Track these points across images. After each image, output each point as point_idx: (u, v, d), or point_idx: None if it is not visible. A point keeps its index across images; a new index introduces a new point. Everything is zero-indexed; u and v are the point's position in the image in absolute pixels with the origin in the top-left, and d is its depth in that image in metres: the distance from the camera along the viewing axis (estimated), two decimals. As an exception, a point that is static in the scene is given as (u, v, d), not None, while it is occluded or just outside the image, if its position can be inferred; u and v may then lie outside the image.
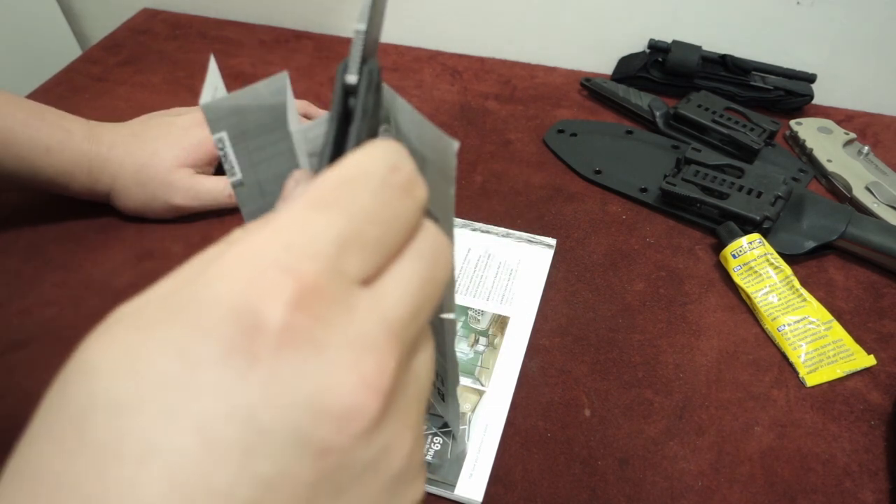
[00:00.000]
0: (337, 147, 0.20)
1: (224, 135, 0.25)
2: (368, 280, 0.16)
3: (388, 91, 0.24)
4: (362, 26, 0.21)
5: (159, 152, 0.49)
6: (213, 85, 0.25)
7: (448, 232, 0.22)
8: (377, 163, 0.16)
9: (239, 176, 0.27)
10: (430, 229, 0.18)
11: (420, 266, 0.17)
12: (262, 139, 0.27)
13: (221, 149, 0.26)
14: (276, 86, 0.25)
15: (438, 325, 0.30)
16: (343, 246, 0.15)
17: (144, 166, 0.48)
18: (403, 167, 0.17)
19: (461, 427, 0.39)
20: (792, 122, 0.59)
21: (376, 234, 0.16)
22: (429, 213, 0.22)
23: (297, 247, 0.14)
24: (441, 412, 0.39)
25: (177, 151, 0.49)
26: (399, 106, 0.23)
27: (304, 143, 0.23)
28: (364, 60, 0.21)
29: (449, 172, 0.22)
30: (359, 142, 0.20)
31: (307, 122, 0.23)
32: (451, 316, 0.28)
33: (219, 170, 0.53)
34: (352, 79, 0.20)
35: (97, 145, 0.48)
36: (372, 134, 0.21)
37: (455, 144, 0.21)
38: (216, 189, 0.51)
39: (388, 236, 0.16)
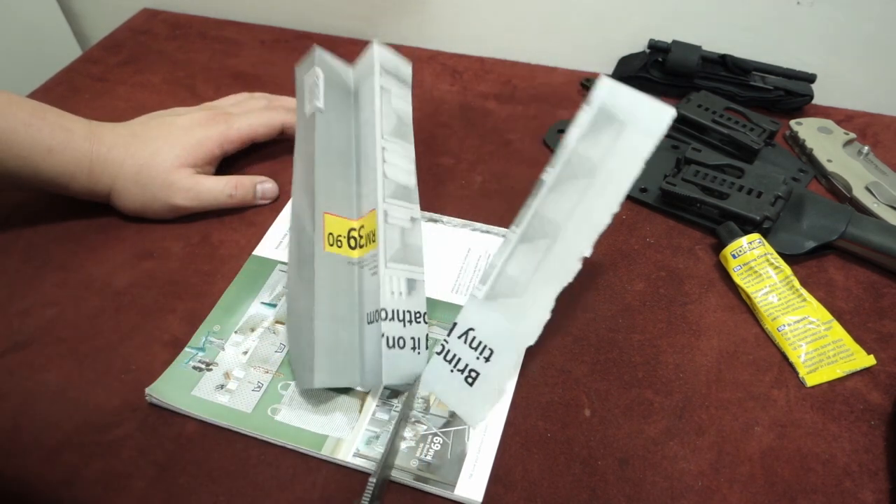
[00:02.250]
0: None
1: (321, 72, 0.42)
2: None
3: None
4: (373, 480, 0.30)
5: (160, 152, 0.48)
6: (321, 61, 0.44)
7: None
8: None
9: (322, 105, 0.41)
10: None
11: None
12: (336, 95, 0.43)
13: (318, 84, 0.41)
14: (346, 70, 0.45)
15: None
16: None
17: (145, 167, 0.48)
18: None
19: (462, 427, 0.39)
20: (792, 122, 0.59)
21: None
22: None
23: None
24: (459, 405, 0.39)
25: (178, 151, 0.49)
26: None
27: (379, 53, 0.44)
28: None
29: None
30: None
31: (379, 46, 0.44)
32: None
33: (219, 170, 0.53)
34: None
35: (98, 145, 0.47)
36: None
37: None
38: (216, 189, 0.50)
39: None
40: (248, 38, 0.74)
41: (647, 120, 0.37)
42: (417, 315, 0.40)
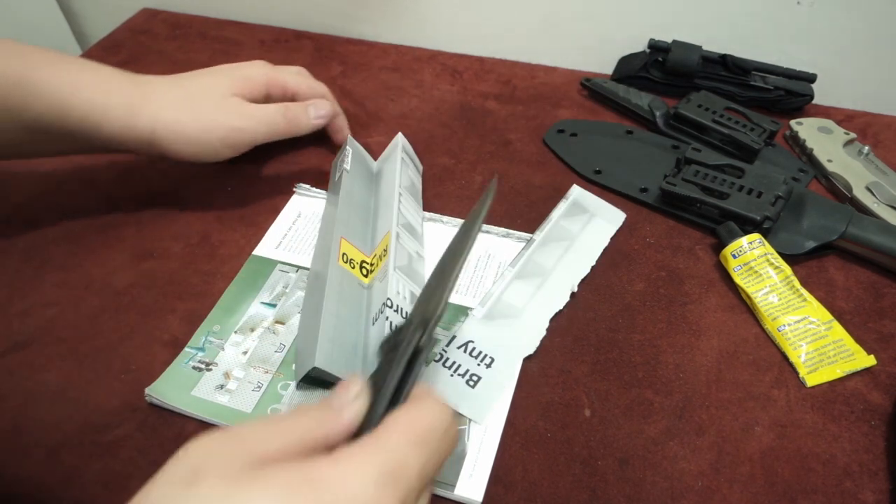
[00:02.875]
0: (400, 383, 0.27)
1: (350, 149, 0.51)
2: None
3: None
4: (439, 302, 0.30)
5: (209, 80, 0.47)
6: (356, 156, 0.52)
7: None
8: (445, 420, 0.25)
9: (349, 169, 0.49)
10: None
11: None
12: (361, 172, 0.51)
13: (348, 154, 0.50)
14: (370, 164, 0.54)
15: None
16: (423, 472, 0.23)
17: (195, 92, 0.46)
18: (454, 426, 0.26)
19: (462, 427, 0.39)
20: (792, 122, 0.59)
21: (439, 461, 0.24)
22: None
23: (404, 470, 0.22)
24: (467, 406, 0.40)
25: (227, 82, 0.47)
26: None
27: (403, 144, 0.54)
28: (426, 324, 0.29)
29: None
30: (414, 378, 0.28)
31: (401, 138, 0.52)
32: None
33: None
34: (422, 343, 0.29)
35: (135, 78, 0.44)
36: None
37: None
38: (270, 110, 0.48)
39: (436, 470, 0.24)
40: (248, 38, 0.74)
41: (609, 214, 0.52)
42: (420, 322, 0.41)
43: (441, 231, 0.50)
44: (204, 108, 0.45)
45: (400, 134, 0.54)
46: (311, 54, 0.72)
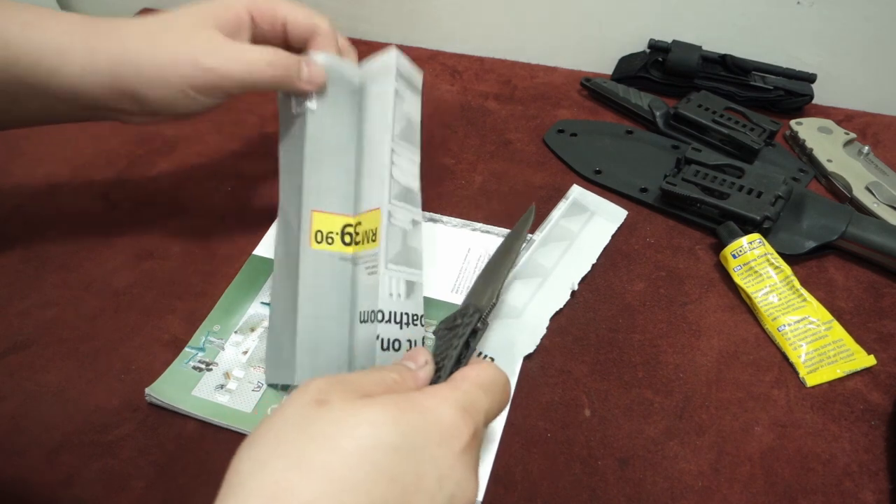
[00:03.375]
0: (460, 354, 0.33)
1: (321, 67, 0.40)
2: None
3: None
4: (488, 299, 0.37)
5: (177, 14, 0.39)
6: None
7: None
8: (503, 377, 0.30)
9: (314, 106, 0.39)
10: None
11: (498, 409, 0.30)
12: (338, 94, 0.41)
13: (307, 72, 0.40)
14: (356, 70, 0.42)
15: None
16: (487, 413, 0.29)
17: (160, 25, 0.38)
18: (508, 384, 0.31)
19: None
20: (792, 122, 0.59)
21: (498, 410, 0.30)
22: None
23: (475, 406, 0.28)
24: None
25: (199, 10, 0.39)
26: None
27: (396, 58, 0.42)
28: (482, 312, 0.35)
29: None
30: (471, 352, 0.34)
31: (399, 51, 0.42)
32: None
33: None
34: (478, 325, 0.35)
35: (92, 18, 0.38)
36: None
37: None
38: (253, 52, 0.39)
39: (497, 413, 0.30)
40: (248, 38, 0.74)
41: (610, 212, 0.52)
42: (415, 317, 0.39)
43: (441, 231, 0.50)
44: (168, 40, 0.37)
45: (394, 49, 0.42)
46: (311, 54, 0.72)
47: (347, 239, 0.40)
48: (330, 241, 0.40)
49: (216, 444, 0.38)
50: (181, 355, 0.42)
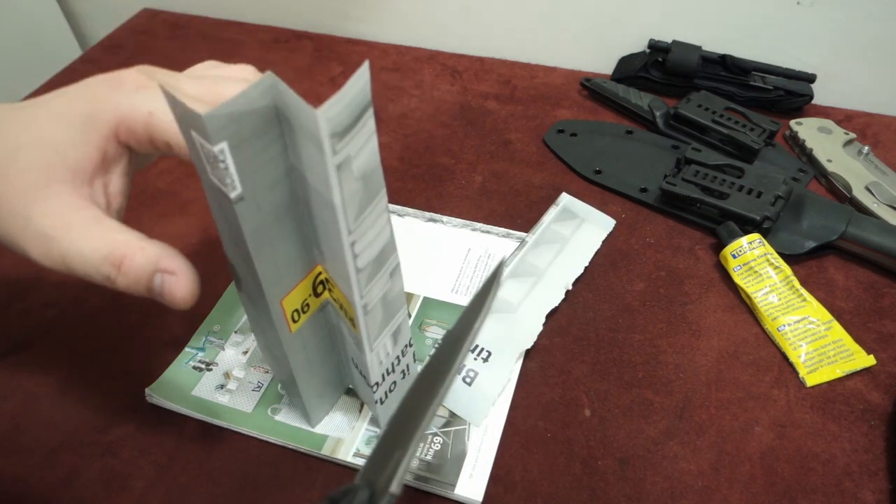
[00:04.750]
0: None
1: (225, 145, 0.24)
2: None
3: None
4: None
5: (19, 148, 0.28)
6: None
7: None
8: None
9: (239, 189, 0.25)
10: None
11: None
12: (255, 145, 0.26)
13: (222, 161, 0.24)
14: (264, 87, 0.24)
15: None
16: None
17: None
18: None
19: (462, 427, 0.39)
20: (792, 122, 0.59)
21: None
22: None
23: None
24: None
25: (50, 146, 0.28)
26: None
27: (327, 124, 0.23)
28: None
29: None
30: None
31: (324, 105, 0.22)
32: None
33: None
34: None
35: None
36: None
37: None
38: (89, 255, 0.28)
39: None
40: (248, 38, 0.74)
41: (599, 220, 0.52)
42: (404, 350, 0.37)
43: (441, 231, 0.50)
44: (3, 212, 0.28)
45: (318, 114, 0.23)
46: (311, 54, 0.72)
47: (319, 289, 0.34)
48: (305, 309, 0.33)
49: (216, 444, 0.38)
50: (181, 355, 0.42)
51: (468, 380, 0.40)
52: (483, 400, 0.39)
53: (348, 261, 0.29)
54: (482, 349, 0.41)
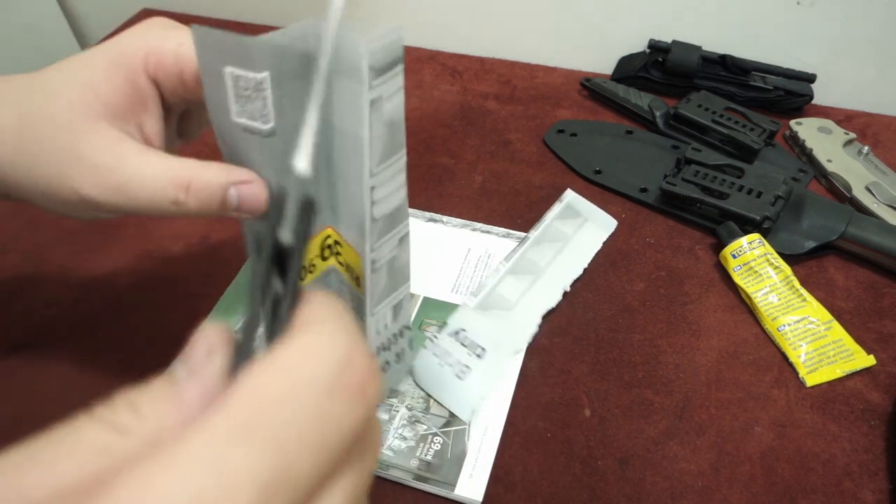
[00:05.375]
0: (272, 296, 0.17)
1: (267, 75, 0.24)
2: None
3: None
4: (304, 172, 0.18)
5: (56, 89, 0.28)
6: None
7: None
8: (325, 362, 0.14)
9: (273, 123, 0.25)
10: (375, 429, 0.15)
11: (357, 481, 0.14)
12: (292, 84, 0.25)
13: (263, 90, 0.24)
14: (307, 25, 0.25)
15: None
16: (267, 492, 0.12)
17: (29, 132, 0.27)
18: (356, 358, 0.14)
19: (462, 427, 0.39)
20: (792, 122, 0.59)
21: (312, 464, 0.13)
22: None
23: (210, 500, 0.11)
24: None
25: (82, 91, 0.28)
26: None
27: (369, 56, 0.24)
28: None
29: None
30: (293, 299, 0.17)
31: (366, 36, 0.23)
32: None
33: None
34: (287, 238, 0.17)
35: None
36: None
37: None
38: (153, 180, 0.27)
39: (327, 461, 0.13)
40: (248, 38, 0.74)
41: (601, 220, 0.51)
42: (402, 331, 0.38)
43: (441, 231, 0.50)
44: (41, 151, 0.27)
45: (361, 37, 0.26)
46: (311, 54, 0.72)
47: (327, 253, 0.33)
48: (311, 269, 0.33)
49: (216, 444, 0.38)
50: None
51: (461, 375, 0.40)
52: (474, 395, 0.39)
53: (366, 205, 0.28)
54: (477, 345, 0.41)
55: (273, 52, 0.24)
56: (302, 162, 0.17)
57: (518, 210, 0.53)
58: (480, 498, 0.35)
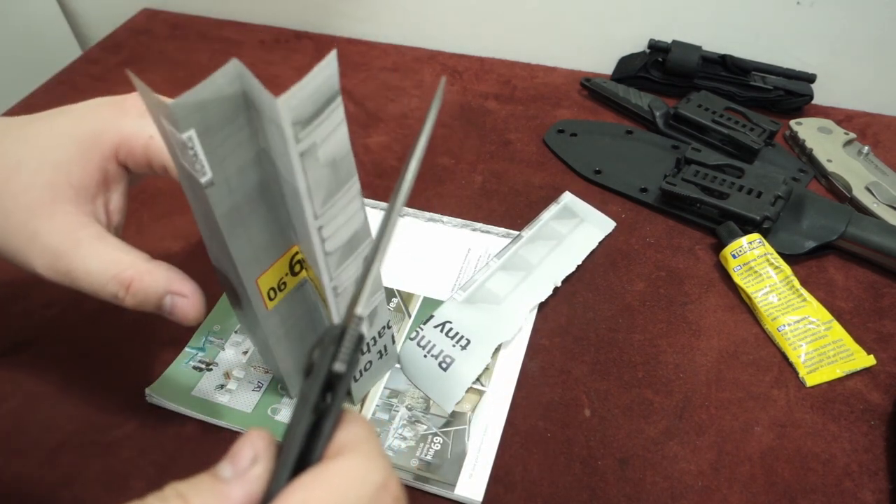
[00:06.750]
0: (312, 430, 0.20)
1: (192, 133, 0.25)
2: None
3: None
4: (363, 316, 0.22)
5: (22, 166, 0.29)
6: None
7: None
8: (368, 482, 0.16)
9: (209, 175, 0.26)
10: None
11: None
12: (224, 132, 0.26)
13: (191, 148, 0.25)
14: (230, 74, 0.25)
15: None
16: None
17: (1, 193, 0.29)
18: (391, 483, 0.17)
19: (462, 427, 0.39)
20: (792, 122, 0.59)
21: None
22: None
23: None
24: None
25: (54, 164, 0.29)
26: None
27: (289, 112, 0.24)
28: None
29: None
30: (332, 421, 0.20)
31: (286, 93, 0.23)
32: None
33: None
34: (340, 367, 0.20)
35: None
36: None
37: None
38: (97, 273, 0.29)
39: None
40: (248, 39, 0.74)
41: (598, 221, 0.51)
42: (382, 331, 0.38)
43: (441, 231, 0.50)
44: (4, 230, 0.29)
45: (278, 102, 0.23)
46: (311, 54, 0.72)
47: (297, 268, 0.34)
48: (282, 287, 0.34)
49: (216, 444, 0.38)
50: (181, 355, 0.42)
51: (444, 365, 0.40)
52: (456, 385, 0.40)
53: (315, 245, 0.29)
54: (461, 336, 0.41)
55: (195, 109, 0.24)
56: (360, 308, 0.21)
57: (518, 210, 0.53)
58: (480, 498, 0.35)
